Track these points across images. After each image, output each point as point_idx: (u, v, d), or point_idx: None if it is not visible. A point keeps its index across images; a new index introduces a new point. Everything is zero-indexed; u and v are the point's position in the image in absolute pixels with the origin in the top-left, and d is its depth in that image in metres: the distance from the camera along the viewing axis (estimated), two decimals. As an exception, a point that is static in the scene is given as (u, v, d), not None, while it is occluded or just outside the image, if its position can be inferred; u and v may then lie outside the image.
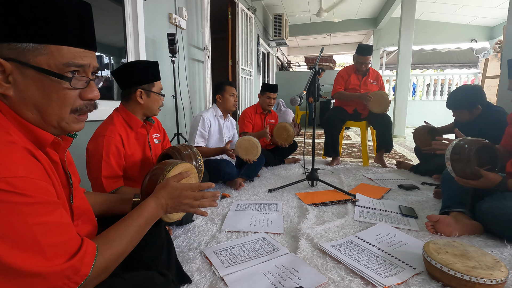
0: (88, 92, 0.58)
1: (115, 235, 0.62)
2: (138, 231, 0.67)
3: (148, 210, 0.71)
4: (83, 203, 0.68)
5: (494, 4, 5.89)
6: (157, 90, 1.31)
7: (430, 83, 7.00)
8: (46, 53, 0.51)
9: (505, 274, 0.90)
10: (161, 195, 0.74)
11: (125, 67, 1.26)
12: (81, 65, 0.55)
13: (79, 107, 0.57)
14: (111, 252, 0.59)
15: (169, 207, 0.75)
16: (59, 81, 0.53)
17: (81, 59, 0.55)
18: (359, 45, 2.87)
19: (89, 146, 1.17)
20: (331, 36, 9.46)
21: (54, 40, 0.51)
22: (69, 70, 0.54)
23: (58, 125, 0.56)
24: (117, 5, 2.35)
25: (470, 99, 1.93)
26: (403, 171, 2.65)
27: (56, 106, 0.54)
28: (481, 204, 1.35)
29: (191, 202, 0.78)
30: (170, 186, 0.76)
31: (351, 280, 1.00)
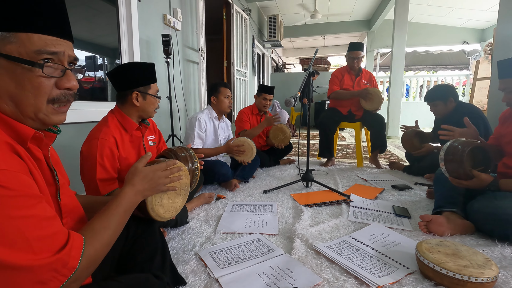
0: (64, 81, 0.56)
1: (100, 226, 0.62)
2: (120, 220, 0.67)
3: (126, 198, 0.71)
4: (72, 201, 0.68)
5: (485, 7, 6.00)
6: (153, 92, 1.31)
7: (423, 84, 7.09)
8: (16, 41, 0.50)
9: (496, 272, 0.92)
10: (136, 182, 0.74)
11: (121, 69, 1.25)
12: (54, 52, 0.53)
13: (56, 97, 0.55)
14: (98, 243, 0.59)
15: (146, 190, 0.76)
16: (31, 69, 0.51)
17: (54, 46, 0.53)
18: (350, 43, 2.93)
19: (83, 149, 1.16)
20: (325, 38, 9.52)
21: (24, 28, 0.50)
22: (41, 58, 0.52)
23: (36, 117, 0.54)
24: (111, 5, 2.34)
25: (443, 91, 2.20)
26: (397, 171, 2.68)
27: (31, 96, 0.52)
28: (472, 203, 1.38)
29: (163, 180, 0.80)
30: (141, 170, 0.77)
31: (345, 280, 1.01)
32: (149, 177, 0.77)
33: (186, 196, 0.96)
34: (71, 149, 1.80)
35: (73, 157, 1.28)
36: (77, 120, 1.87)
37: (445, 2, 6.05)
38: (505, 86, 1.39)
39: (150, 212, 0.83)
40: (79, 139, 1.22)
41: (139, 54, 2.47)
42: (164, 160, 0.86)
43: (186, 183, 0.95)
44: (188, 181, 0.95)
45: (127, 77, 1.24)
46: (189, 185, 0.97)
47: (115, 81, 1.26)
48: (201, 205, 1.79)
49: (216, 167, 2.08)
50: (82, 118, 1.90)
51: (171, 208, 0.90)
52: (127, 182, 0.75)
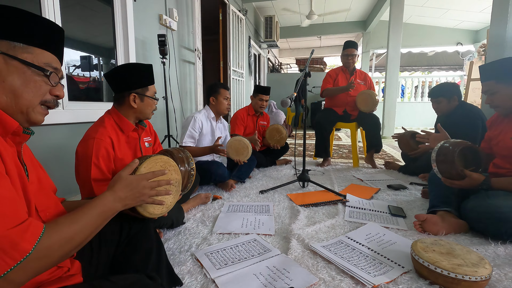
0: (56, 90, 0.68)
1: (64, 220, 0.60)
2: (91, 221, 0.64)
3: (103, 202, 0.68)
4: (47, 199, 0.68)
5: (479, 9, 6.08)
6: (151, 94, 1.30)
7: (418, 85, 7.16)
8: (32, 53, 0.63)
9: (489, 271, 0.93)
10: (118, 188, 0.72)
11: (119, 70, 1.24)
12: (56, 68, 0.67)
13: (47, 100, 0.67)
14: (58, 235, 0.56)
15: (128, 199, 0.73)
16: (39, 73, 0.63)
17: (56, 64, 0.68)
18: (344, 42, 2.96)
19: (78, 149, 1.15)
20: (321, 39, 9.56)
21: (41, 45, 0.64)
22: (48, 68, 0.65)
23: (26, 111, 0.63)
24: (106, 5, 2.32)
25: (448, 88, 2.23)
26: (392, 171, 2.70)
27: (31, 93, 0.63)
28: (466, 203, 1.39)
29: (149, 191, 0.77)
30: (125, 178, 0.74)
31: (341, 280, 1.01)
32: (132, 186, 0.74)
33: (178, 192, 0.94)
34: (66, 149, 1.78)
35: (68, 158, 1.27)
36: (72, 121, 1.86)
37: (440, 4, 6.11)
38: (487, 89, 1.45)
39: (138, 208, 0.81)
40: (73, 140, 1.21)
41: (135, 54, 2.45)
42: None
43: (176, 179, 0.92)
44: (178, 176, 0.93)
45: (124, 78, 1.23)
46: (180, 181, 0.95)
47: (112, 83, 1.25)
48: (198, 205, 1.79)
49: (212, 167, 2.08)
50: (76, 119, 1.89)
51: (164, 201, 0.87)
52: (108, 188, 0.73)
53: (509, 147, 1.37)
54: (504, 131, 1.44)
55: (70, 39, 2.04)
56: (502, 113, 1.47)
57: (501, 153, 1.44)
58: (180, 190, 0.95)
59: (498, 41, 2.30)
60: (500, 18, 2.28)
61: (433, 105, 2.31)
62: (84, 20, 2.24)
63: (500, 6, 2.28)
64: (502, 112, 1.45)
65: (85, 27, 2.25)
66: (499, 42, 2.28)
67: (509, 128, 1.41)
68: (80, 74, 2.21)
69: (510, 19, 2.20)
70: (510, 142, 1.37)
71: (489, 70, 1.44)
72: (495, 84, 1.41)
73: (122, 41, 2.38)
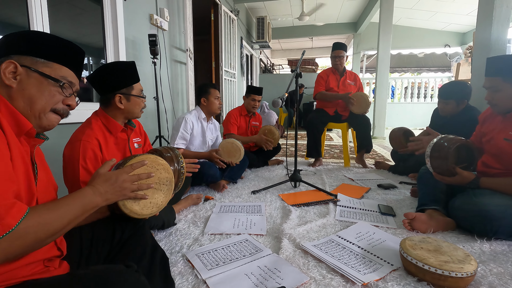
0: (69, 100, 0.76)
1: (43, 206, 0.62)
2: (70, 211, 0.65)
3: (83, 193, 0.69)
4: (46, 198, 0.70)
5: (465, 12, 6.23)
6: (137, 92, 1.27)
7: (408, 86, 7.28)
8: (51, 67, 0.72)
9: (475, 267, 0.95)
10: (97, 183, 0.73)
11: (100, 72, 1.21)
12: (71, 82, 0.76)
13: (58, 108, 0.74)
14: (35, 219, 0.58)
15: (109, 193, 0.73)
16: (54, 84, 0.71)
17: (72, 78, 0.76)
18: (333, 43, 2.99)
19: (65, 152, 1.12)
20: (313, 40, 9.64)
21: (60, 61, 0.74)
22: (63, 81, 0.73)
23: (39, 116, 0.70)
24: (96, 4, 2.29)
25: (460, 92, 2.04)
26: (382, 171, 2.74)
27: (44, 100, 0.70)
28: (453, 201, 1.42)
29: (130, 186, 0.77)
30: (103, 174, 0.75)
31: (332, 278, 1.02)
32: (112, 180, 0.74)
33: (170, 191, 0.92)
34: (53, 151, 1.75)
35: (55, 159, 1.25)
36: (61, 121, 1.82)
37: (428, 6, 6.24)
38: (490, 85, 1.37)
39: (122, 208, 0.79)
40: (61, 141, 1.19)
41: (125, 54, 2.43)
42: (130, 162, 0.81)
43: (166, 178, 0.90)
44: (169, 175, 0.91)
45: (107, 80, 1.20)
46: (172, 179, 0.93)
47: (95, 85, 1.23)
48: (189, 206, 1.78)
49: (204, 168, 2.07)
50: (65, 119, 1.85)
51: (149, 204, 0.85)
52: (89, 183, 0.74)
53: (500, 147, 1.37)
54: (496, 130, 1.42)
55: (58, 38, 2.01)
56: (497, 112, 1.42)
57: (491, 151, 1.44)
58: (172, 189, 0.93)
59: (483, 43, 2.36)
60: (485, 21, 2.34)
61: (440, 105, 2.16)
62: (72, 19, 2.21)
63: (485, 9, 2.35)
64: (498, 111, 1.41)
65: (73, 26, 2.22)
66: (485, 44, 2.34)
67: (502, 128, 1.39)
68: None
69: (494, 22, 2.26)
70: (502, 143, 1.35)
71: (498, 65, 1.33)
72: (501, 82, 1.32)
73: (112, 40, 2.35)
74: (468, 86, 2.07)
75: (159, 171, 0.89)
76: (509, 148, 1.32)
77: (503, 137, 1.36)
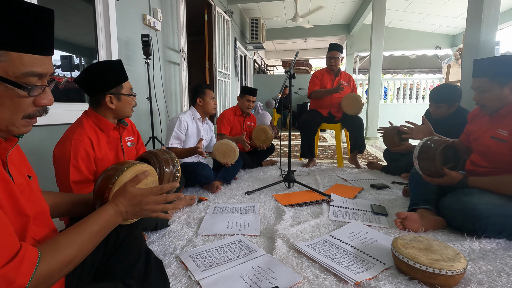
0: (42, 98, 0.57)
1: (65, 242, 0.57)
2: (92, 238, 0.63)
3: (106, 217, 0.66)
4: (35, 206, 0.63)
5: (455, 14, 6.34)
6: (127, 91, 1.26)
7: (400, 87, 7.37)
8: (6, 60, 0.49)
9: (464, 265, 0.97)
10: (120, 202, 0.70)
11: (88, 73, 1.19)
12: (40, 74, 0.54)
13: (31, 113, 0.56)
14: (57, 260, 0.54)
15: (129, 214, 0.71)
16: (15, 89, 0.52)
17: (40, 67, 0.54)
18: (329, 44, 3.02)
19: (55, 151, 1.11)
20: (307, 41, 9.69)
21: (16, 48, 0.50)
22: (27, 79, 0.53)
23: (6, 129, 0.55)
24: (88, 4, 2.27)
25: (451, 95, 2.08)
26: (375, 171, 2.77)
27: (8, 112, 0.53)
28: (443, 200, 1.45)
29: (153, 207, 0.74)
30: (129, 192, 0.71)
31: (325, 278, 1.03)
32: (136, 201, 0.71)
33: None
34: (43, 152, 1.72)
35: (45, 161, 1.23)
36: (50, 122, 1.80)
37: (419, 9, 6.33)
38: (478, 85, 1.39)
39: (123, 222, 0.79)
40: (51, 142, 1.17)
41: (118, 54, 2.41)
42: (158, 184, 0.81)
43: (153, 181, 0.92)
44: (154, 178, 0.92)
45: (95, 81, 1.18)
46: (157, 180, 0.95)
47: (84, 87, 1.21)
48: (183, 207, 1.77)
49: (198, 169, 2.06)
50: (55, 120, 1.83)
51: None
52: (112, 200, 0.70)
53: (487, 146, 1.40)
54: (483, 129, 1.45)
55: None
56: (485, 112, 1.45)
57: (479, 149, 1.47)
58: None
59: (472, 45, 2.41)
60: (474, 24, 2.38)
61: (431, 108, 2.20)
62: (64, 19, 2.18)
63: (474, 12, 2.39)
64: (486, 112, 1.43)
65: (65, 26, 2.19)
66: (474, 46, 2.39)
67: (489, 127, 1.42)
68: (60, 74, 2.14)
69: (483, 24, 2.31)
70: (489, 141, 1.39)
71: (485, 66, 1.35)
72: (488, 82, 1.34)
73: (104, 41, 2.33)
74: (459, 89, 2.11)
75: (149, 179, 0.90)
76: (495, 146, 1.36)
77: (490, 135, 1.39)
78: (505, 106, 1.34)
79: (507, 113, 1.34)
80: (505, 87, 1.31)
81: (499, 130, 1.35)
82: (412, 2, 5.98)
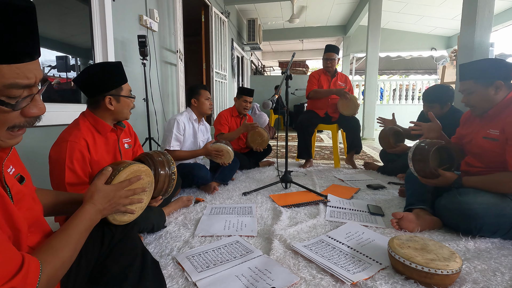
0: (32, 108, 0.51)
1: (60, 244, 0.60)
2: (81, 237, 0.67)
3: (87, 217, 0.69)
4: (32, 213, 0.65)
5: (450, 16, 6.40)
6: (126, 93, 1.26)
7: (396, 88, 7.42)
8: None
9: (460, 264, 0.98)
10: (97, 201, 0.73)
11: (87, 74, 1.19)
12: (26, 86, 0.48)
13: (17, 123, 0.51)
14: (56, 263, 0.57)
15: (106, 210, 0.75)
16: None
17: (26, 77, 0.48)
18: (326, 45, 3.03)
19: (51, 153, 1.10)
20: (303, 42, 9.72)
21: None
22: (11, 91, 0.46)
23: None
24: (83, 4, 2.26)
25: (443, 95, 2.13)
26: (372, 171, 2.78)
27: None
28: (439, 200, 1.46)
29: (123, 200, 0.78)
30: (102, 190, 0.75)
31: (321, 278, 1.03)
32: (110, 197, 0.75)
33: (151, 192, 0.95)
34: (39, 153, 1.71)
35: (41, 162, 1.22)
36: (46, 123, 1.79)
37: (415, 10, 6.39)
38: (465, 88, 1.45)
39: (113, 222, 0.82)
40: (47, 143, 1.16)
41: (114, 55, 2.40)
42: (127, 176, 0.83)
43: (148, 181, 0.93)
44: (150, 178, 0.93)
45: (95, 82, 1.18)
46: (153, 181, 0.96)
47: (83, 88, 1.20)
48: (179, 209, 1.76)
49: (194, 170, 2.06)
50: (51, 121, 1.81)
51: (135, 210, 0.89)
52: (87, 200, 0.72)
53: (481, 146, 1.42)
54: (476, 130, 1.48)
55: (45, 38, 1.96)
56: (475, 113, 1.48)
57: (473, 151, 1.50)
58: (153, 189, 0.96)
59: (467, 46, 2.43)
60: (468, 26, 2.41)
61: (425, 109, 2.25)
62: (59, 19, 2.16)
63: (468, 14, 2.42)
64: (476, 113, 1.47)
65: (60, 26, 2.18)
66: (468, 47, 2.41)
67: (480, 128, 1.45)
68: (56, 75, 2.13)
69: (477, 26, 2.33)
70: (482, 142, 1.41)
71: (469, 69, 1.42)
72: (473, 84, 1.40)
73: (100, 41, 2.32)
74: (451, 89, 2.16)
75: (142, 178, 0.90)
76: (488, 146, 1.38)
77: (482, 136, 1.42)
78: (493, 107, 1.38)
79: (496, 112, 1.38)
80: (489, 88, 1.36)
81: (491, 130, 1.38)
82: (407, 3, 6.02)
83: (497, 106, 1.37)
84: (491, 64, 1.36)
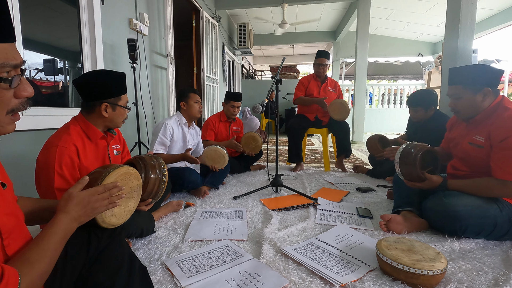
0: (22, 90, 0.55)
1: (37, 256, 0.59)
2: (56, 248, 0.65)
3: (62, 227, 0.68)
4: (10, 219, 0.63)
5: (435, 23, 6.60)
6: (123, 103, 1.27)
7: (385, 92, 7.56)
8: None
9: (445, 264, 1.00)
10: (70, 209, 0.71)
11: (91, 77, 1.19)
12: (15, 65, 0.53)
13: (14, 107, 0.55)
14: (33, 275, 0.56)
15: (82, 216, 0.72)
16: None
17: (13, 57, 0.53)
18: (317, 51, 3.08)
19: (39, 157, 1.08)
20: (294, 47, 9.83)
21: None
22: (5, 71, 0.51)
23: None
24: (72, 7, 2.23)
25: (426, 99, 2.24)
26: (361, 174, 2.82)
27: None
28: (425, 202, 1.49)
29: (101, 203, 0.76)
30: (75, 197, 0.72)
31: (311, 281, 1.04)
32: (85, 202, 0.73)
33: (139, 195, 0.95)
34: (26, 158, 1.67)
35: (28, 167, 1.20)
36: (33, 127, 1.75)
37: (402, 17, 6.55)
38: (453, 93, 1.46)
39: (102, 224, 0.81)
40: (34, 148, 1.14)
41: (103, 58, 2.37)
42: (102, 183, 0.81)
43: (137, 185, 0.93)
44: (138, 182, 0.93)
45: (97, 87, 1.19)
46: (141, 184, 0.95)
47: (83, 90, 1.20)
48: (169, 213, 1.75)
49: (185, 174, 2.05)
50: (38, 125, 1.78)
51: (124, 213, 0.88)
52: (60, 210, 0.70)
53: (465, 151, 1.46)
54: (462, 135, 1.51)
55: (32, 41, 1.93)
56: (461, 119, 1.51)
57: (458, 155, 1.54)
58: (141, 192, 0.95)
59: (451, 52, 2.51)
60: (452, 33, 2.49)
61: (410, 112, 2.35)
62: (47, 22, 2.13)
63: (452, 22, 2.50)
64: (462, 118, 1.49)
65: (48, 29, 2.15)
66: (452, 53, 2.49)
67: (466, 133, 1.48)
68: (43, 78, 2.09)
69: (460, 33, 2.41)
70: (467, 147, 1.45)
71: (458, 74, 1.42)
72: (462, 89, 1.40)
73: (89, 44, 2.29)
74: (433, 94, 2.26)
75: (131, 181, 0.90)
76: (473, 151, 1.41)
77: (468, 141, 1.45)
78: (480, 113, 1.40)
79: (482, 119, 1.40)
80: (477, 94, 1.37)
81: (476, 136, 1.40)
82: (395, 10, 6.18)
83: (484, 112, 1.39)
84: (481, 71, 1.36)
